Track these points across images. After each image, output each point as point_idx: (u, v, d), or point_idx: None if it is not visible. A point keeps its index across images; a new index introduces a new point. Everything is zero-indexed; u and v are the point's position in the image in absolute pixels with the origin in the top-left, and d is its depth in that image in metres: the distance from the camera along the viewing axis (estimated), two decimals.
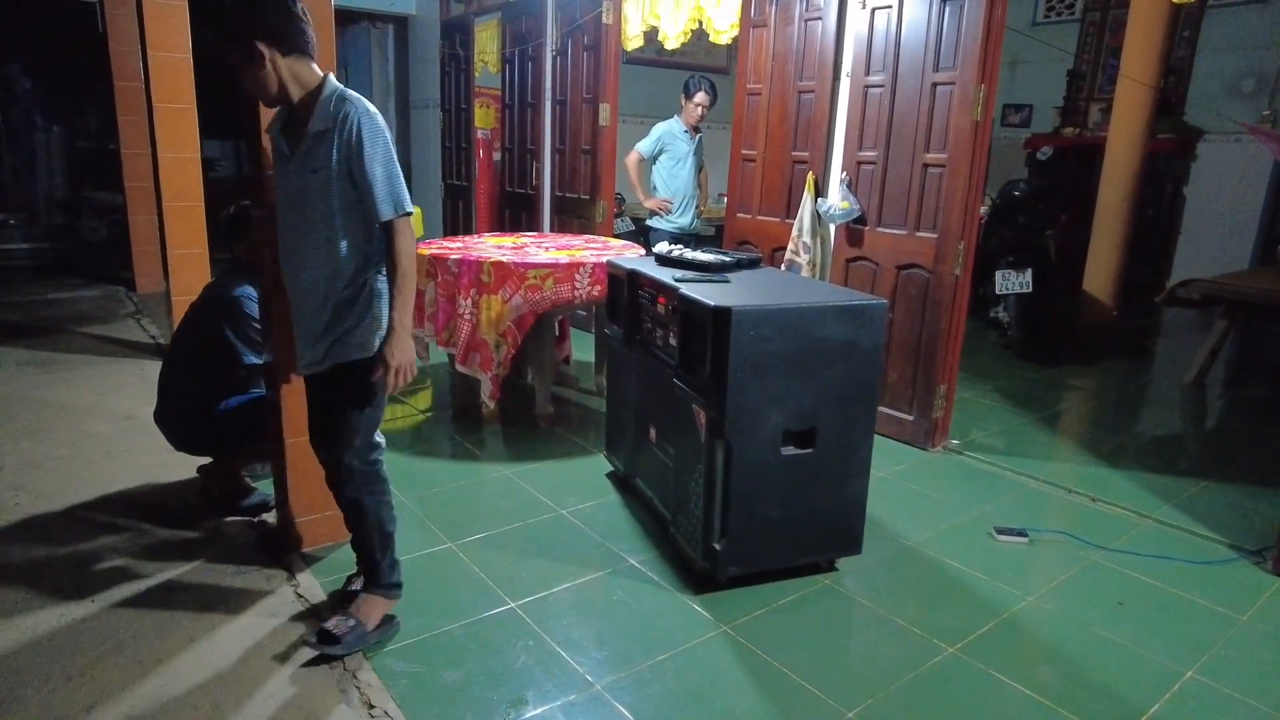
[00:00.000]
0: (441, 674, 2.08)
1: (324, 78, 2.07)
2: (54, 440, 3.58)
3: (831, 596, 2.52)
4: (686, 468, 2.56)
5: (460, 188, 7.57)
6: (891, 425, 3.84)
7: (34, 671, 2.05)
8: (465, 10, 7.12)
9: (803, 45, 4.02)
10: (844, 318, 2.37)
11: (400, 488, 3.18)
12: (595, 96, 5.56)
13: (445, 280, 3.73)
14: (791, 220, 4.10)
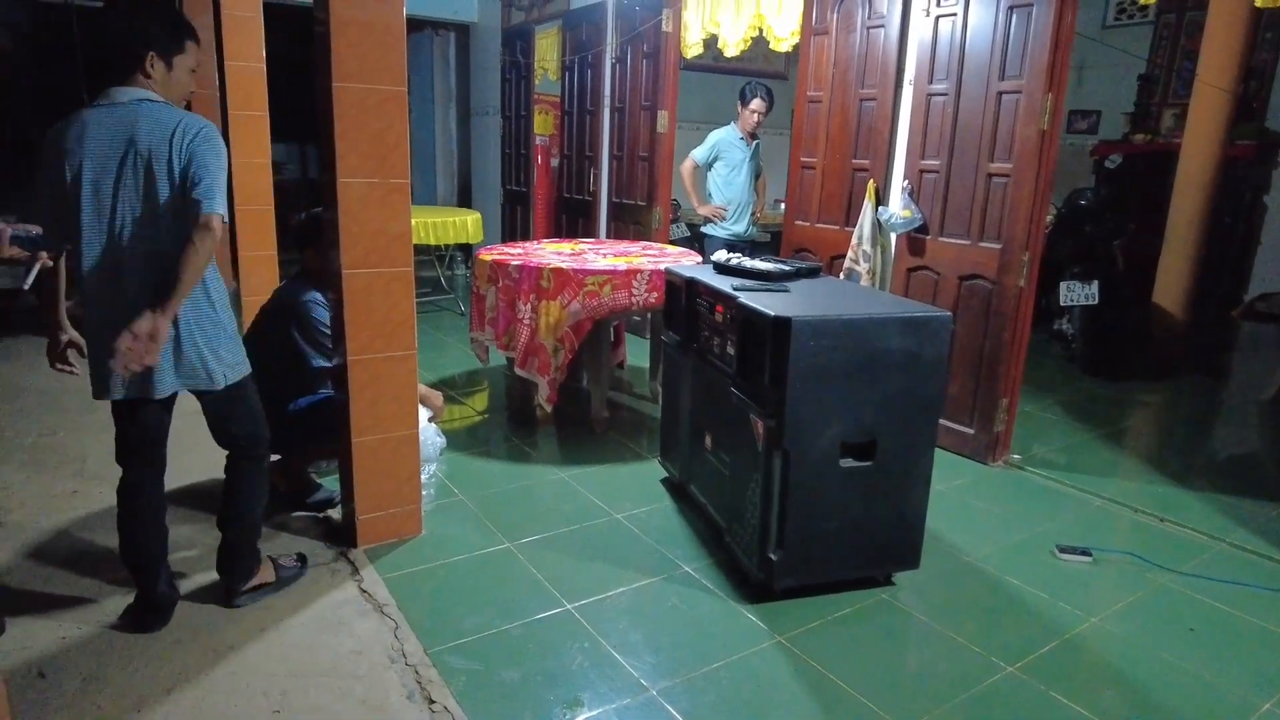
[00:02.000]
0: (500, 672, 2.13)
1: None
2: None
3: (888, 611, 2.49)
4: (743, 477, 2.57)
5: (519, 193, 7.68)
6: (951, 438, 3.78)
7: (117, 653, 2.16)
8: (526, 18, 7.23)
9: (864, 52, 3.99)
10: (906, 329, 2.35)
11: (460, 487, 3.27)
12: (653, 103, 5.59)
13: (506, 285, 3.80)
14: (851, 228, 4.07)
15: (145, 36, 2.04)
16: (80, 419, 3.90)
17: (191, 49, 2.13)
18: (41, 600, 2.39)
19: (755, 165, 5.18)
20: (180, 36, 2.10)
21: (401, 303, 2.68)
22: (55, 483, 3.21)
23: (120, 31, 2.05)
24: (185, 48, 2.11)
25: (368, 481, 2.71)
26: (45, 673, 2.07)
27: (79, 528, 2.86)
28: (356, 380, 2.63)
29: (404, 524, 2.80)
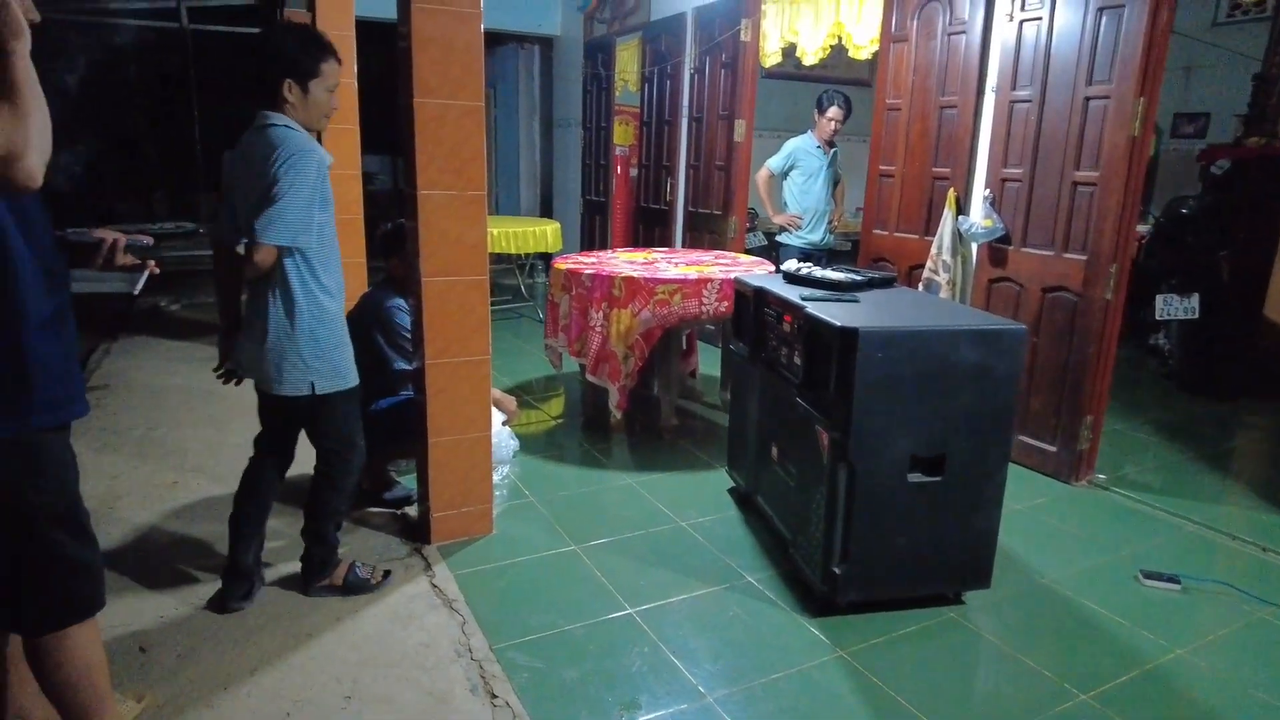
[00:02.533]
0: (560, 671, 2.18)
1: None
2: (231, 429, 3.97)
3: (956, 630, 2.43)
4: (808, 489, 2.55)
5: (598, 203, 7.80)
6: (1032, 456, 3.65)
7: (208, 633, 2.30)
8: (608, 31, 7.35)
9: (945, 59, 3.91)
10: (979, 342, 2.30)
11: (531, 489, 3.35)
12: (731, 113, 5.60)
13: (579, 294, 3.88)
14: (930, 238, 3.99)
15: (282, 64, 2.20)
16: (182, 415, 4.17)
17: (328, 70, 2.25)
18: (144, 581, 2.57)
19: (833, 173, 5.13)
20: (316, 60, 2.22)
21: (477, 309, 2.78)
22: (157, 474, 3.44)
23: (261, 60, 2.23)
24: (320, 71, 2.23)
25: (442, 481, 2.81)
26: (145, 647, 2.23)
27: (178, 516, 3.06)
28: (434, 383, 2.74)
29: (475, 523, 2.89)
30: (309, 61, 2.21)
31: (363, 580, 2.54)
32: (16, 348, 1.42)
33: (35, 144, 1.28)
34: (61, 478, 1.53)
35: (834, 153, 5.09)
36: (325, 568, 2.52)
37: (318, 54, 2.23)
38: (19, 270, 1.41)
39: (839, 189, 5.28)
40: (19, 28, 1.29)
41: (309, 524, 2.52)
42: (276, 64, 2.20)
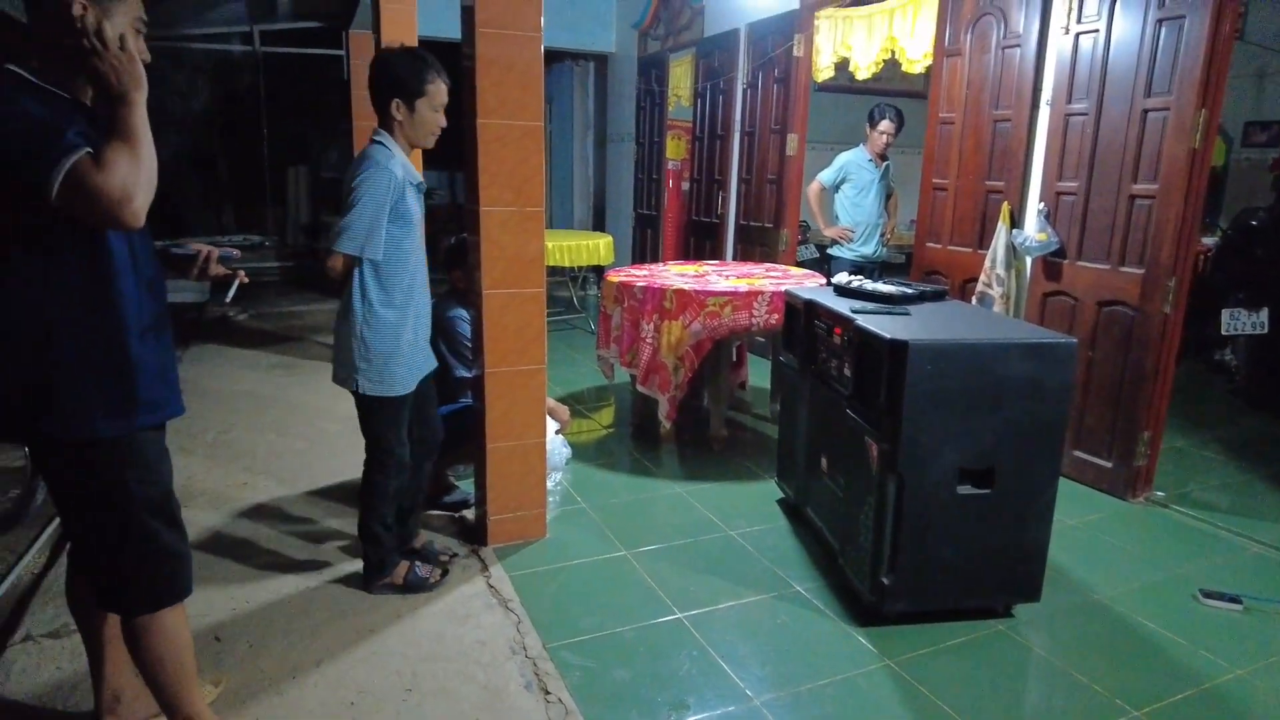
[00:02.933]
0: (611, 671, 2.24)
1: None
2: (294, 434, 4.15)
3: (1005, 643, 2.43)
4: (857, 499, 2.58)
5: (649, 217, 7.90)
6: (1088, 471, 3.60)
7: (278, 626, 2.43)
8: (662, 47, 7.47)
9: (999, 73, 3.91)
10: (1029, 355, 2.31)
11: (583, 496, 3.43)
12: (783, 127, 5.65)
13: (631, 306, 3.96)
14: (984, 251, 3.97)
15: (390, 85, 2.35)
16: (252, 420, 4.36)
17: (434, 90, 2.38)
18: (218, 576, 2.71)
19: (886, 186, 5.13)
20: (422, 81, 2.36)
21: (534, 320, 2.87)
22: (229, 475, 3.62)
23: (373, 81, 2.38)
24: (426, 90, 2.37)
25: (499, 485, 2.91)
26: (220, 637, 2.36)
27: (247, 515, 3.21)
28: (492, 391, 2.84)
29: (530, 526, 2.98)
30: (415, 82, 2.35)
31: (421, 579, 2.63)
32: (122, 354, 1.56)
33: (144, 188, 1.42)
34: (159, 472, 1.66)
35: (886, 166, 5.09)
36: (384, 567, 2.62)
37: (423, 75, 2.36)
38: (124, 284, 1.55)
39: (892, 201, 5.28)
40: (140, 81, 1.45)
41: (359, 522, 2.63)
42: (385, 85, 2.36)
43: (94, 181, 1.37)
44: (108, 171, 1.38)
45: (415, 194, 2.46)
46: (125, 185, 1.39)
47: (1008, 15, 3.86)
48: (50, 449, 1.57)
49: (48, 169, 1.36)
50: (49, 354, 1.51)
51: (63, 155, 1.37)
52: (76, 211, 1.41)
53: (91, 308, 1.53)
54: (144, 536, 1.63)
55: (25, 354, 1.51)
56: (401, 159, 2.41)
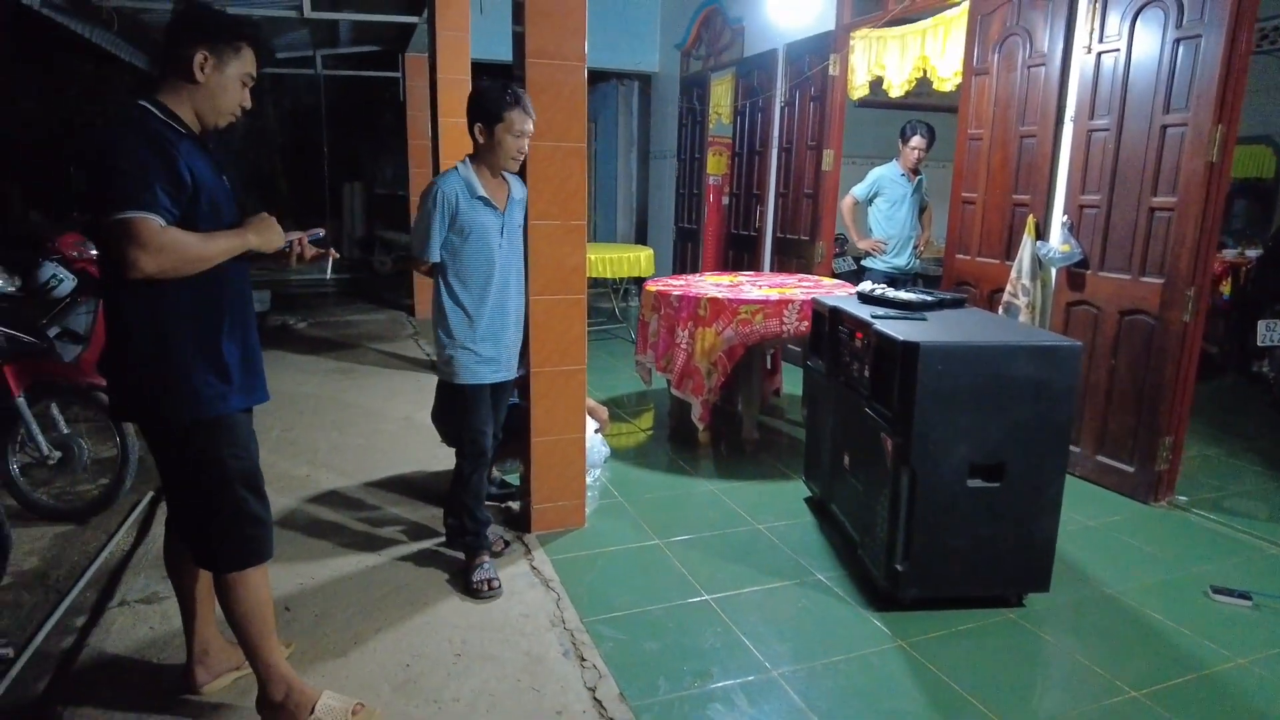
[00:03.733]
0: (642, 643, 2.44)
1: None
2: (353, 432, 4.44)
3: (1013, 629, 2.57)
4: (874, 492, 2.74)
5: (690, 230, 8.13)
6: (1110, 476, 3.70)
7: (339, 601, 2.68)
8: (703, 67, 7.71)
9: (1025, 91, 4.05)
10: (1035, 357, 2.46)
11: (620, 491, 3.64)
12: (819, 143, 5.84)
13: (667, 314, 4.18)
14: (1011, 262, 4.10)
15: (474, 112, 2.63)
16: (313, 419, 4.67)
17: (512, 117, 2.61)
18: (287, 555, 2.97)
19: (919, 199, 5.28)
20: (501, 108, 2.60)
21: (575, 325, 3.10)
22: (294, 468, 3.91)
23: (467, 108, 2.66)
24: (505, 117, 2.61)
25: (542, 476, 3.14)
26: (290, 608, 2.62)
27: (310, 504, 3.49)
28: (537, 389, 3.08)
29: (570, 516, 3.21)
30: (495, 109, 2.60)
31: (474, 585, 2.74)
32: (218, 350, 1.84)
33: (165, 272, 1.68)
34: (249, 449, 1.93)
35: (919, 180, 5.24)
36: (468, 553, 2.83)
37: (504, 103, 2.60)
38: (219, 293, 1.84)
39: (926, 215, 5.42)
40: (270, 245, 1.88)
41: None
42: (471, 111, 2.64)
43: (139, 240, 1.63)
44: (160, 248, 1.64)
45: (484, 208, 2.68)
46: (159, 265, 1.66)
47: (1033, 35, 4.01)
48: (163, 429, 1.85)
49: (117, 207, 1.63)
50: (163, 352, 1.78)
51: (136, 208, 1.63)
52: (107, 241, 1.67)
53: (195, 314, 1.81)
54: (235, 503, 1.89)
55: (145, 352, 1.79)
56: (468, 178, 2.66)
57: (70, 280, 3.94)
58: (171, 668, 2.27)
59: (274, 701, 2.00)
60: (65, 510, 3.37)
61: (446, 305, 2.71)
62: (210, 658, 2.18)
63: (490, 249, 2.70)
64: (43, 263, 3.88)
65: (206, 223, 1.77)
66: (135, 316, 1.77)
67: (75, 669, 2.31)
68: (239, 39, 1.81)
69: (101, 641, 2.43)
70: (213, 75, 1.78)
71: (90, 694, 2.18)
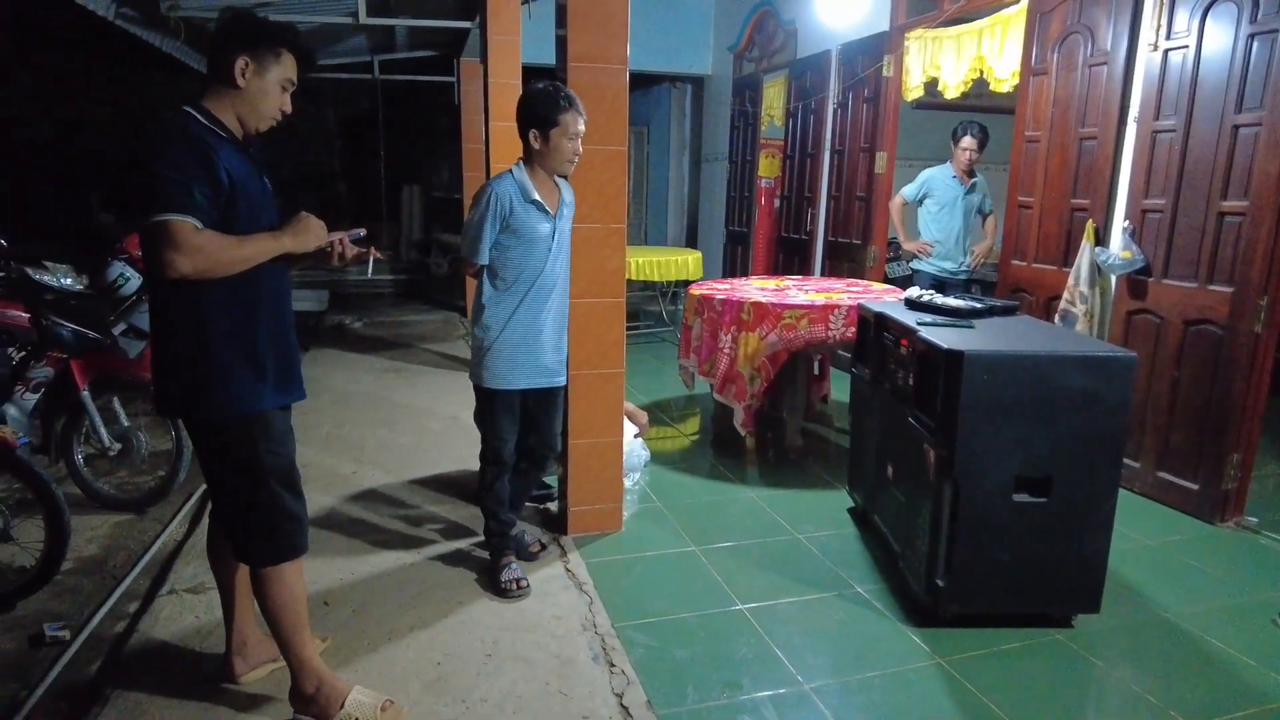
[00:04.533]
0: (673, 650, 2.42)
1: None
2: (400, 430, 4.52)
3: (1060, 650, 2.47)
4: (916, 503, 2.67)
5: (740, 234, 8.06)
6: (1171, 493, 3.54)
7: (378, 596, 2.72)
8: (756, 69, 7.65)
9: (1086, 91, 3.91)
10: (1086, 368, 2.36)
11: (659, 495, 3.63)
12: (872, 145, 5.73)
13: (710, 317, 4.14)
14: (1068, 269, 3.96)
15: (528, 117, 2.63)
16: (363, 416, 4.77)
17: (567, 120, 2.60)
18: (328, 550, 3.03)
19: (976, 202, 5.12)
20: (556, 112, 2.60)
21: (614, 328, 3.10)
22: (340, 465, 3.99)
23: (516, 115, 2.66)
24: (560, 121, 2.61)
25: (580, 478, 3.14)
26: (328, 602, 2.67)
27: (355, 500, 3.55)
28: (575, 391, 3.08)
29: (606, 519, 3.20)
30: (550, 113, 2.60)
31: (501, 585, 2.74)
32: (255, 350, 1.88)
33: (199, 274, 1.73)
34: (286, 446, 1.96)
35: (975, 183, 5.09)
36: (493, 554, 2.85)
37: (558, 106, 2.60)
38: (257, 296, 1.88)
39: (989, 222, 5.25)
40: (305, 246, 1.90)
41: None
42: (524, 116, 2.63)
43: (174, 242, 1.67)
44: (196, 250, 1.69)
45: (536, 212, 2.67)
46: (194, 266, 1.71)
47: (1095, 33, 3.86)
48: (203, 425, 1.90)
49: (156, 209, 1.68)
50: (202, 350, 1.83)
51: (174, 210, 1.68)
52: (143, 241, 1.73)
53: (233, 313, 1.85)
54: (270, 499, 1.93)
55: (185, 350, 1.84)
56: (522, 181, 2.66)
57: (136, 279, 4.08)
58: (213, 656, 2.33)
59: (306, 694, 2.04)
60: (124, 500, 3.50)
61: (487, 307, 2.71)
62: (248, 649, 2.23)
63: (539, 253, 2.68)
64: (111, 262, 4.03)
65: (244, 225, 1.81)
66: (176, 315, 1.82)
67: (125, 653, 2.39)
68: (279, 45, 1.85)
69: (150, 628, 2.51)
70: (253, 80, 1.83)
71: (137, 678, 2.25)
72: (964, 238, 5.11)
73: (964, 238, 5.11)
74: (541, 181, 2.69)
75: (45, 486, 2.66)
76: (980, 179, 5.14)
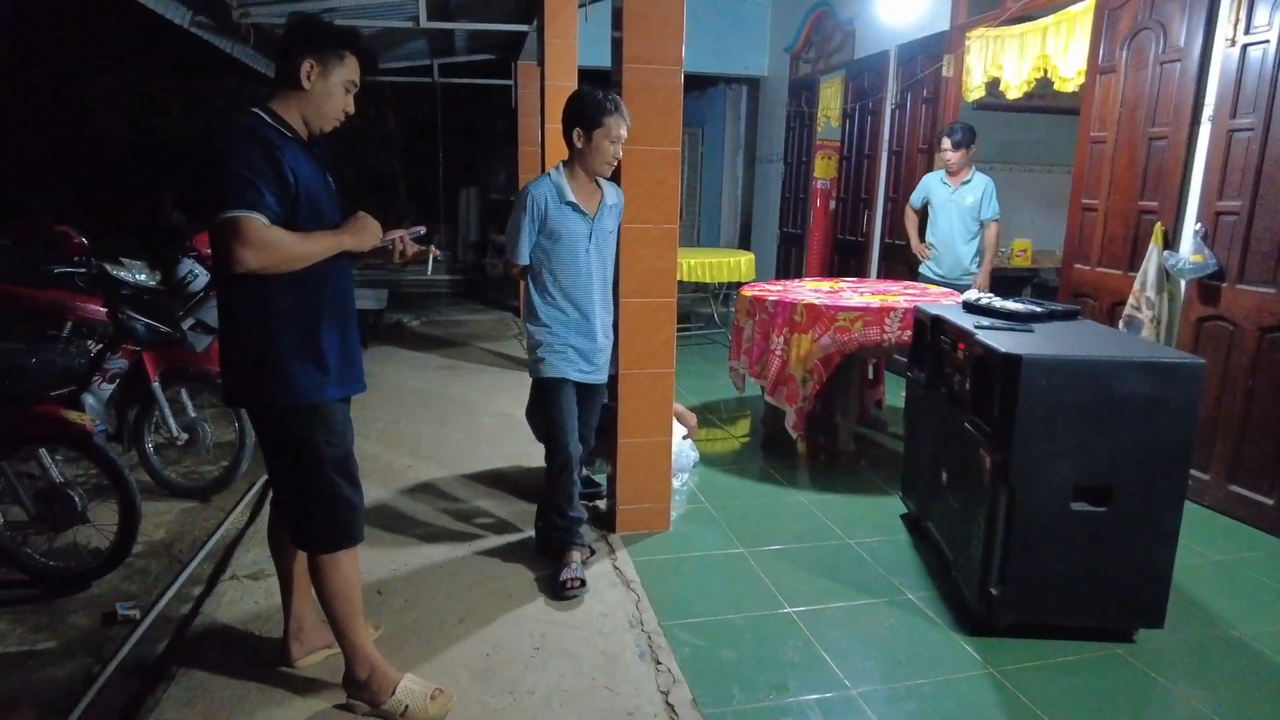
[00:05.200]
0: (719, 651, 2.42)
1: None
2: (454, 426, 4.59)
3: (1120, 666, 2.39)
4: (970, 510, 2.62)
5: (794, 235, 8.00)
6: (1244, 508, 3.40)
7: (429, 587, 2.78)
8: (812, 70, 7.58)
9: (1157, 89, 3.78)
10: (1151, 375, 2.29)
11: (707, 497, 3.63)
12: (931, 146, 5.63)
13: (762, 319, 4.12)
14: (1134, 273, 3.83)
15: (573, 117, 2.70)
16: (419, 412, 4.86)
17: (610, 122, 2.66)
18: (382, 541, 3.10)
19: (970, 205, 4.77)
20: (599, 114, 2.66)
21: (665, 327, 3.11)
22: (396, 459, 4.07)
23: (562, 116, 2.74)
24: (603, 123, 2.67)
25: (628, 477, 3.15)
26: (381, 591, 2.74)
27: (410, 493, 3.63)
28: (624, 390, 3.10)
29: (654, 519, 3.21)
30: (594, 114, 2.66)
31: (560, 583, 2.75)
32: (317, 343, 1.94)
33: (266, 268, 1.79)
34: (344, 437, 2.02)
35: (966, 185, 4.78)
36: (555, 550, 2.88)
37: (602, 109, 2.66)
38: (319, 291, 1.94)
39: (990, 232, 4.80)
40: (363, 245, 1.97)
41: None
42: (569, 116, 2.71)
43: (242, 237, 1.74)
44: (263, 245, 1.76)
45: (572, 213, 2.74)
46: (261, 261, 1.77)
47: (1168, 29, 3.73)
48: (266, 415, 1.97)
49: (225, 206, 1.75)
50: (266, 342, 1.90)
51: (243, 207, 1.75)
52: (213, 237, 1.80)
53: (297, 307, 1.91)
54: (328, 488, 1.99)
55: (251, 342, 1.91)
56: (559, 183, 2.73)
57: (204, 276, 4.23)
58: (271, 640, 2.41)
59: (359, 679, 2.09)
60: (190, 488, 3.64)
61: (536, 305, 2.80)
62: (305, 634, 2.30)
63: (577, 254, 2.75)
64: (181, 259, 4.20)
65: (308, 222, 1.87)
66: (243, 309, 1.89)
67: (189, 634, 2.49)
68: (343, 48, 1.91)
69: (213, 611, 2.60)
70: (318, 82, 1.89)
71: (200, 658, 2.34)
72: (963, 242, 4.85)
73: (963, 242, 4.85)
74: (581, 184, 2.76)
75: (119, 472, 2.78)
76: (979, 180, 4.79)
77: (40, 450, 2.81)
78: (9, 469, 2.77)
